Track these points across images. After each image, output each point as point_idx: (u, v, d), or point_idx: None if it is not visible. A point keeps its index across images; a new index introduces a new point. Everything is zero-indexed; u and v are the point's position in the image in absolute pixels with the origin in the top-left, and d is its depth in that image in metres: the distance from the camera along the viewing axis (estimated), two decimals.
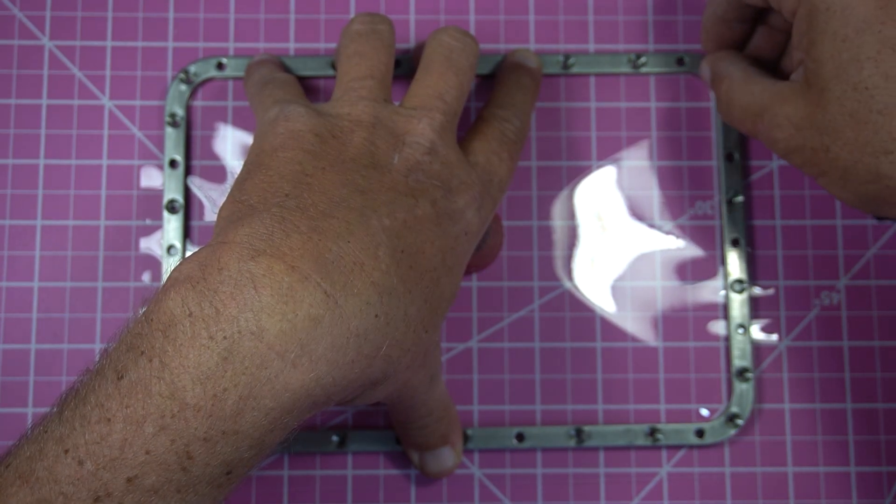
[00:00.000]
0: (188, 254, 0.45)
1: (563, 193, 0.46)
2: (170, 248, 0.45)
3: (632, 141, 0.47)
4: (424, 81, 0.39)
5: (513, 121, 0.42)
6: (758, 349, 0.46)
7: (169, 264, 0.45)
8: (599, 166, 0.47)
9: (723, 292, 0.46)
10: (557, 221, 0.46)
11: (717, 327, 0.46)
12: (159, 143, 0.46)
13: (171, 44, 0.47)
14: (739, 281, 0.45)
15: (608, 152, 0.47)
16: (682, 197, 0.47)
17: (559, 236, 0.46)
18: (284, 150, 0.35)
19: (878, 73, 0.35)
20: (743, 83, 0.40)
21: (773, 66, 0.43)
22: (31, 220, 0.45)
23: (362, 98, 0.38)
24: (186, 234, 0.45)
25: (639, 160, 0.47)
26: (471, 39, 0.41)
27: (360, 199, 0.34)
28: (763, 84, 0.40)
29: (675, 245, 0.46)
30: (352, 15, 0.47)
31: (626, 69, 0.47)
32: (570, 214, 0.46)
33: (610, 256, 0.46)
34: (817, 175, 0.38)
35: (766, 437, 0.45)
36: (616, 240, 0.46)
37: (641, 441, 0.44)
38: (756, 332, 0.46)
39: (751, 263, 0.46)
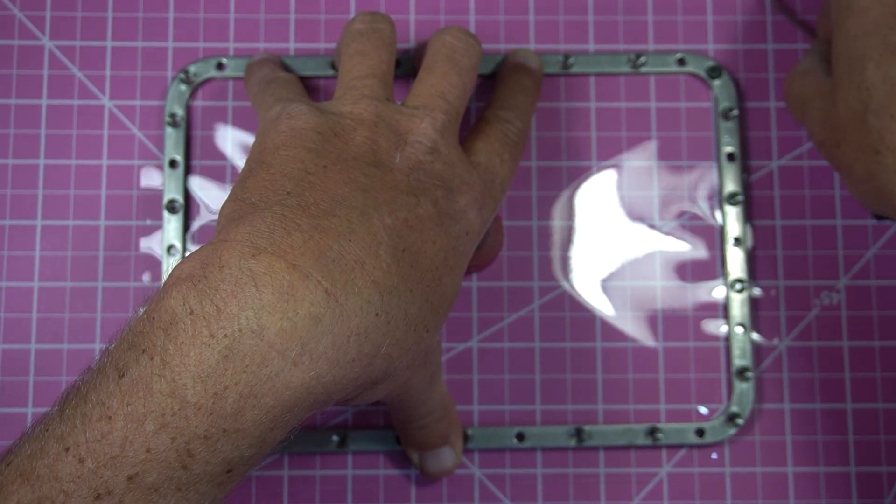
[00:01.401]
0: (188, 253, 0.45)
1: (563, 193, 0.46)
2: (170, 248, 0.45)
3: (632, 141, 0.47)
4: (427, 81, 0.39)
5: (514, 122, 0.42)
6: (758, 349, 0.46)
7: (169, 264, 0.45)
8: (599, 166, 0.47)
9: (723, 292, 0.46)
10: (557, 221, 0.46)
11: (717, 327, 0.46)
12: (159, 143, 0.46)
13: (171, 44, 0.47)
14: (739, 281, 0.45)
15: (608, 152, 0.47)
16: (682, 197, 0.47)
17: (559, 236, 0.46)
18: (286, 149, 0.36)
19: (878, 73, 0.36)
20: (801, 75, 0.42)
21: None
22: (31, 220, 0.45)
23: (364, 97, 0.38)
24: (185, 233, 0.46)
25: (639, 160, 0.47)
26: (473, 40, 0.41)
27: (362, 198, 0.34)
28: (816, 78, 0.41)
29: (675, 245, 0.46)
30: (352, 15, 0.47)
31: (626, 69, 0.47)
32: (570, 214, 0.46)
33: (610, 256, 0.46)
34: (837, 170, 0.39)
35: (766, 437, 0.45)
36: (616, 240, 0.46)
37: (641, 441, 0.44)
38: (756, 332, 0.46)
39: (751, 263, 0.46)
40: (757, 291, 0.46)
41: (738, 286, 0.45)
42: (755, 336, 0.46)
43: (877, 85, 0.36)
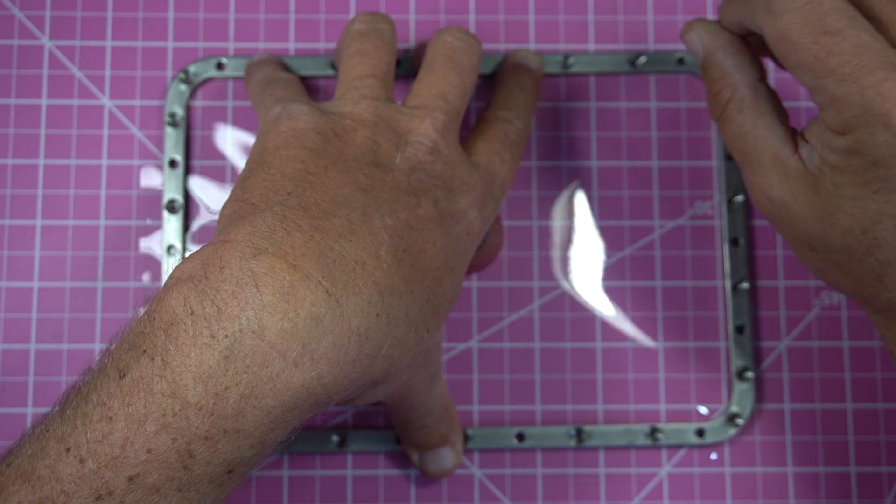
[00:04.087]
0: (188, 253, 0.45)
1: (563, 193, 0.46)
2: (170, 248, 0.45)
3: (632, 141, 0.47)
4: (427, 81, 0.39)
5: (515, 122, 0.42)
6: (758, 349, 0.46)
7: (169, 264, 0.45)
8: (599, 166, 0.47)
9: (722, 292, 0.46)
10: (557, 221, 0.46)
11: (717, 327, 0.46)
12: (159, 143, 0.46)
13: (170, 44, 0.47)
14: (739, 281, 0.45)
15: (608, 152, 0.47)
16: (682, 197, 0.47)
17: (559, 236, 0.46)
18: (287, 149, 0.36)
19: (893, 230, 0.32)
20: (753, 116, 0.36)
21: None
22: (31, 220, 0.45)
23: (365, 97, 0.38)
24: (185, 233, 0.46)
25: (639, 160, 0.47)
26: (474, 40, 0.41)
27: (363, 198, 0.34)
28: (773, 133, 0.36)
29: (675, 245, 0.46)
30: (352, 15, 0.47)
31: (626, 69, 0.47)
32: (570, 214, 0.46)
33: (609, 256, 0.46)
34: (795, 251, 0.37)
35: (766, 437, 0.45)
36: (616, 240, 0.46)
37: (641, 441, 0.44)
38: (756, 332, 0.46)
39: (751, 263, 0.46)
40: (757, 292, 0.46)
41: (737, 286, 0.45)
42: (755, 335, 0.46)
43: (889, 240, 0.32)
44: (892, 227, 0.32)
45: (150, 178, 0.46)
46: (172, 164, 0.45)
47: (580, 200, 0.47)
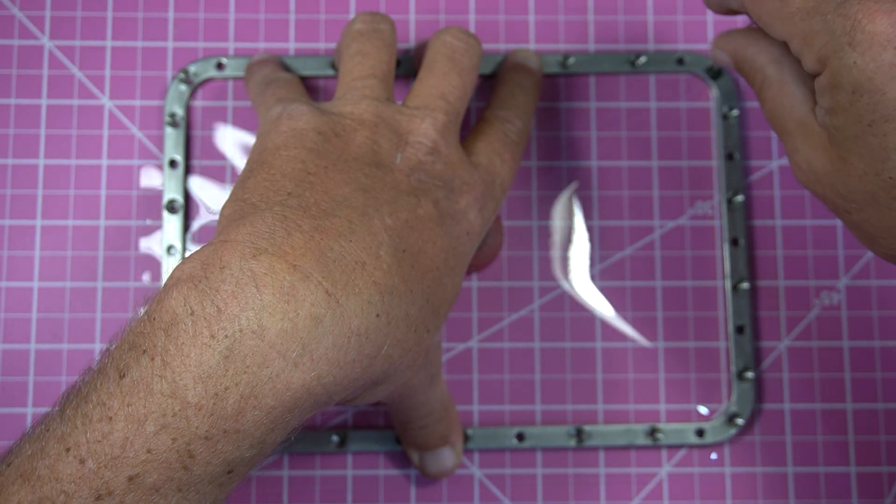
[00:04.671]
0: (188, 253, 0.45)
1: (563, 193, 0.46)
2: (170, 248, 0.45)
3: (632, 141, 0.47)
4: (427, 81, 0.39)
5: (515, 122, 0.42)
6: (758, 349, 0.46)
7: (169, 264, 0.45)
8: (599, 166, 0.47)
9: (723, 292, 0.46)
10: (557, 221, 0.46)
11: (717, 327, 0.46)
12: (159, 143, 0.46)
13: (170, 44, 0.47)
14: (739, 281, 0.45)
15: (608, 152, 0.47)
16: (682, 197, 0.47)
17: (559, 236, 0.46)
18: (287, 149, 0.36)
19: None
20: (778, 88, 0.36)
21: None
22: (31, 220, 0.45)
23: (365, 97, 0.38)
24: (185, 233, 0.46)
25: (639, 160, 0.47)
26: (474, 40, 0.41)
27: (363, 198, 0.34)
28: (794, 98, 0.35)
29: (675, 245, 0.46)
30: (352, 15, 0.47)
31: (626, 69, 0.47)
32: (570, 214, 0.46)
33: (609, 256, 0.46)
34: (838, 216, 0.35)
35: (766, 437, 0.45)
36: (616, 240, 0.46)
37: (641, 441, 0.44)
38: (756, 332, 0.46)
39: (751, 263, 0.46)
40: (756, 292, 0.46)
41: (737, 286, 0.45)
42: (755, 336, 0.46)
43: None
44: None
45: (150, 178, 0.46)
46: (172, 164, 0.45)
47: (580, 200, 0.47)
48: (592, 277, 0.46)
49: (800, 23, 0.33)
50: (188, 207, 0.46)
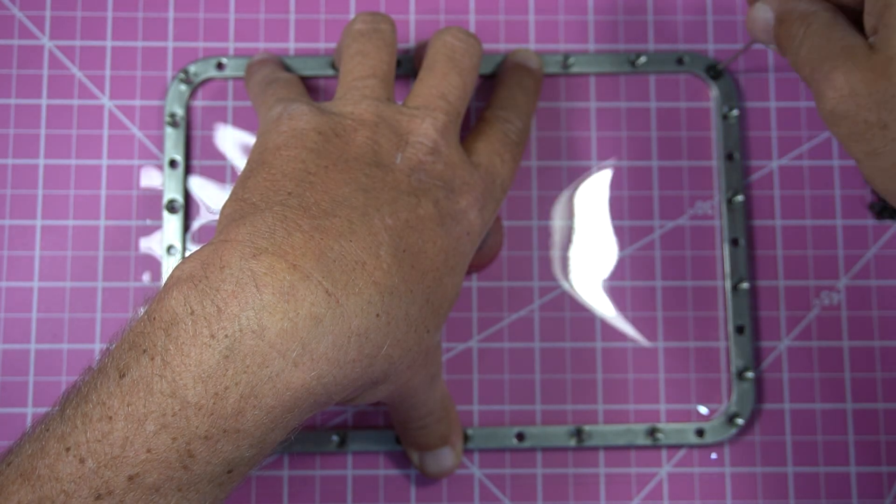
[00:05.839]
0: (188, 253, 0.45)
1: (563, 193, 0.46)
2: (170, 248, 0.45)
3: (632, 141, 0.47)
4: (428, 81, 0.39)
5: (515, 122, 0.42)
6: (758, 349, 0.46)
7: (169, 264, 0.45)
8: (599, 166, 0.47)
9: (723, 292, 0.46)
10: (557, 221, 0.46)
11: (717, 327, 0.46)
12: (159, 143, 0.46)
13: (170, 44, 0.47)
14: (739, 281, 0.45)
15: (608, 152, 0.47)
16: (682, 197, 0.47)
17: (559, 236, 0.46)
18: (287, 149, 0.36)
19: None
20: (826, 26, 0.36)
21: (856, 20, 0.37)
22: (31, 220, 0.45)
23: (365, 97, 0.38)
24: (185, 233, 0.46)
25: (639, 160, 0.47)
26: (474, 40, 0.41)
27: (363, 198, 0.34)
28: (844, 32, 0.35)
29: (675, 245, 0.46)
30: (352, 15, 0.47)
31: (626, 69, 0.47)
32: (570, 214, 0.46)
33: (609, 256, 0.46)
34: (864, 154, 0.34)
35: (766, 437, 0.45)
36: (615, 240, 0.46)
37: (641, 441, 0.44)
38: (756, 332, 0.46)
39: (751, 263, 0.46)
40: (756, 292, 0.46)
41: (737, 286, 0.45)
42: (755, 335, 0.46)
43: None
44: None
45: (150, 178, 0.46)
46: (172, 164, 0.45)
47: (580, 200, 0.47)
48: (594, 278, 0.46)
49: None
50: (188, 207, 0.46)
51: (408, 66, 0.46)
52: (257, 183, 0.35)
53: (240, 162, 0.46)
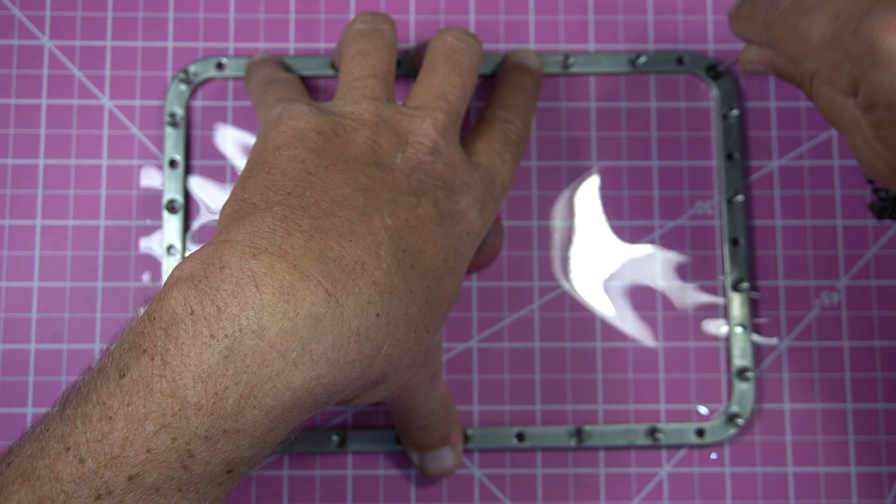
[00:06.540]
0: (188, 253, 0.45)
1: (563, 193, 0.46)
2: (170, 248, 0.45)
3: (632, 141, 0.47)
4: (428, 81, 0.39)
5: (515, 122, 0.42)
6: (758, 349, 0.46)
7: (169, 264, 0.45)
8: (599, 166, 0.47)
9: (723, 292, 0.46)
10: (557, 221, 0.46)
11: (717, 327, 0.46)
12: (159, 143, 0.46)
13: (170, 44, 0.47)
14: (739, 281, 0.45)
15: (608, 152, 0.47)
16: (682, 197, 0.47)
17: (559, 236, 0.46)
18: (287, 149, 0.36)
19: None
20: (829, 87, 0.36)
21: None
22: (31, 220, 0.45)
23: (366, 97, 0.38)
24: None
25: (639, 160, 0.47)
26: (474, 40, 0.41)
27: (363, 198, 0.34)
28: (846, 100, 0.35)
29: (675, 245, 0.46)
30: (352, 15, 0.47)
31: (626, 69, 0.47)
32: (570, 214, 0.46)
33: (610, 257, 0.46)
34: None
35: (766, 437, 0.45)
36: (615, 240, 0.46)
37: (641, 441, 0.44)
38: (756, 332, 0.46)
39: (751, 263, 0.46)
40: (754, 294, 0.46)
41: (738, 286, 0.45)
42: (755, 336, 0.46)
43: None
44: None
45: (150, 178, 0.46)
46: (172, 164, 0.45)
47: (580, 200, 0.47)
48: (594, 278, 0.46)
49: (823, 55, 0.34)
50: (188, 207, 0.46)
51: (408, 66, 0.46)
52: (257, 183, 0.35)
53: (240, 162, 0.46)
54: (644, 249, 0.46)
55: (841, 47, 0.33)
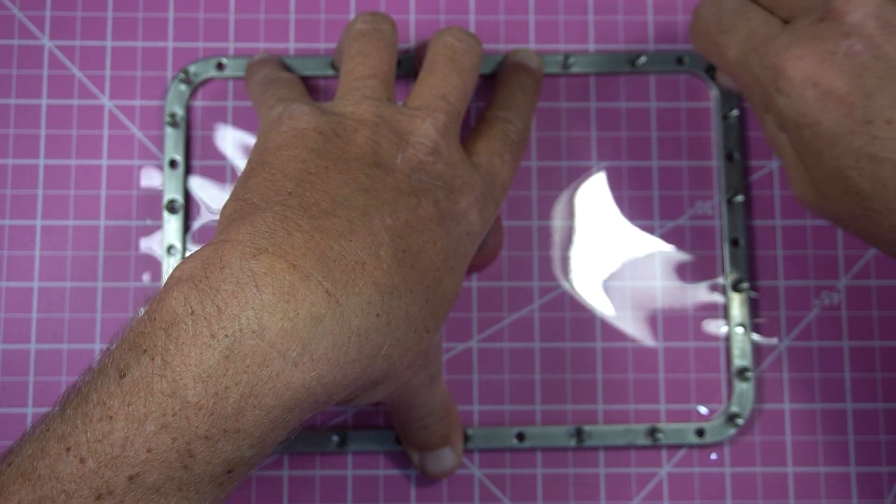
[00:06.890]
0: (188, 253, 0.45)
1: (563, 193, 0.46)
2: (170, 248, 0.45)
3: (632, 141, 0.47)
4: (428, 82, 0.39)
5: (515, 122, 0.42)
6: (758, 349, 0.46)
7: (169, 264, 0.45)
8: (599, 166, 0.47)
9: (723, 292, 0.46)
10: (557, 221, 0.46)
11: (717, 327, 0.46)
12: (159, 143, 0.46)
13: (171, 44, 0.47)
14: (739, 281, 0.45)
15: (608, 152, 0.47)
16: (682, 197, 0.47)
17: (559, 236, 0.46)
18: (288, 149, 0.36)
19: (862, 179, 0.34)
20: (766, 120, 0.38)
21: None
22: (31, 220, 0.45)
23: (366, 97, 0.38)
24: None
25: (639, 160, 0.47)
26: (474, 40, 0.41)
27: (363, 199, 0.34)
28: (780, 138, 0.37)
29: (675, 245, 0.46)
30: (352, 15, 0.47)
31: (626, 69, 0.47)
32: (570, 214, 0.46)
33: (610, 257, 0.46)
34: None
35: (766, 437, 0.45)
36: (616, 240, 0.46)
37: (641, 441, 0.44)
38: (756, 332, 0.46)
39: (751, 263, 0.46)
40: (754, 294, 0.46)
41: (738, 286, 0.45)
42: (755, 336, 0.46)
43: (866, 189, 0.34)
44: (857, 176, 0.34)
45: (150, 178, 0.46)
46: (172, 164, 0.45)
47: (580, 200, 0.47)
48: (594, 278, 0.46)
49: (738, 76, 0.37)
50: (188, 207, 0.46)
51: (408, 66, 0.46)
52: (258, 183, 0.35)
53: (240, 162, 0.46)
54: (644, 249, 0.46)
55: (750, 72, 0.36)
